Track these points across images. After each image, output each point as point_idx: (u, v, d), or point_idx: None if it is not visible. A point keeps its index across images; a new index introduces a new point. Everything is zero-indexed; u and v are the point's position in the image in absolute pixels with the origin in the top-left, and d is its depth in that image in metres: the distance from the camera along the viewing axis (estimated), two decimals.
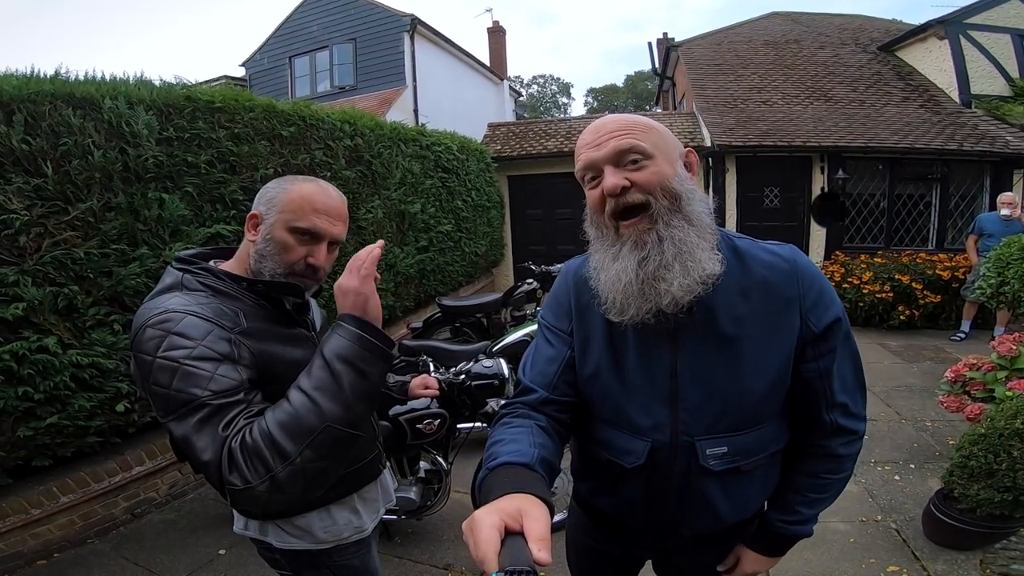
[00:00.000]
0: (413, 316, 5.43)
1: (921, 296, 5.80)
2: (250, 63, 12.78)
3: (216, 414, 0.84)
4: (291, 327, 1.09)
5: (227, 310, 0.97)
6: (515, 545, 0.59)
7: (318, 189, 1.06)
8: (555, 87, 43.58)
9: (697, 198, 0.88)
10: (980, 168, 7.09)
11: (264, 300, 1.05)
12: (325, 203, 1.05)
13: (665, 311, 0.85)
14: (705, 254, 0.84)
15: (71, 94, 2.38)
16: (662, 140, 0.87)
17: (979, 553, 2.25)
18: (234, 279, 1.03)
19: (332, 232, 1.07)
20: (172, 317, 0.89)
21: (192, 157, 2.88)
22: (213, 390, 0.85)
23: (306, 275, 1.07)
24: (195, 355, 0.87)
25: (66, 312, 2.36)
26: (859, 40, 10.28)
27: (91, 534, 2.61)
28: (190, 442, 0.83)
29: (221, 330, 0.92)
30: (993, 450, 2.13)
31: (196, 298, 0.96)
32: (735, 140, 7.29)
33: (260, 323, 1.01)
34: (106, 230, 2.47)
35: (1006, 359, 2.80)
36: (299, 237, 1.03)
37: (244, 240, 1.09)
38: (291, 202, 1.03)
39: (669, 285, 0.83)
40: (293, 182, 1.06)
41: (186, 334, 0.88)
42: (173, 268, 1.05)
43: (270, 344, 1.00)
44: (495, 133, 9.78)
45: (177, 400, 0.85)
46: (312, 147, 3.88)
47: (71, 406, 2.37)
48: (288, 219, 1.02)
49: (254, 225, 1.06)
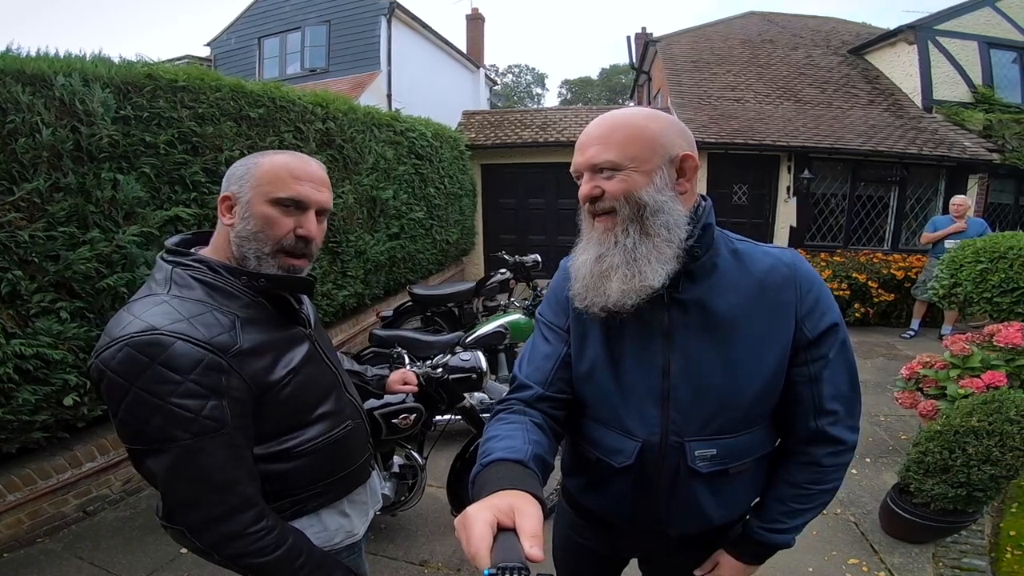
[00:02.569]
0: (383, 304, 5.35)
1: (876, 294, 6.04)
2: (216, 43, 12.27)
3: (194, 457, 0.83)
4: (289, 327, 1.01)
5: (222, 319, 0.89)
6: (507, 541, 0.59)
7: (293, 158, 0.97)
8: (530, 77, 43.30)
9: (667, 209, 0.85)
10: (937, 172, 7.40)
11: (263, 296, 0.96)
12: (305, 169, 0.96)
13: (612, 308, 0.88)
14: (651, 266, 0.85)
15: (20, 70, 2.22)
16: (643, 149, 0.85)
17: (932, 547, 2.36)
18: (232, 272, 0.94)
19: (319, 199, 0.97)
20: (160, 341, 0.80)
21: (151, 137, 2.71)
22: (194, 432, 0.82)
23: (297, 251, 0.97)
24: (181, 392, 0.81)
25: (9, 299, 2.20)
26: (831, 42, 10.57)
27: (40, 533, 2.46)
28: (165, 482, 0.84)
29: (213, 357, 0.84)
30: (949, 447, 2.23)
31: (187, 305, 0.87)
32: (708, 137, 7.39)
33: (257, 332, 0.93)
34: (53, 211, 2.30)
35: (959, 358, 2.92)
36: (283, 208, 0.94)
37: (219, 226, 0.98)
38: (267, 174, 0.94)
39: (610, 285, 0.86)
40: (264, 155, 0.97)
41: (174, 366, 0.81)
42: (161, 261, 0.95)
43: (266, 358, 0.93)
44: (470, 121, 9.65)
45: (151, 436, 0.81)
46: (281, 129, 3.72)
47: (15, 399, 2.21)
48: (267, 191, 0.93)
49: (228, 208, 0.95)
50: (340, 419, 1.08)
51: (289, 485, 1.00)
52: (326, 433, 1.03)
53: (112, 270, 2.52)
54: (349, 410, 1.12)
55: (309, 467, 1.01)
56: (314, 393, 1.03)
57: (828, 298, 0.93)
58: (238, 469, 0.88)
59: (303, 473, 1.01)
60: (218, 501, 0.86)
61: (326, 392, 1.06)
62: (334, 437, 1.05)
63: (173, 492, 0.85)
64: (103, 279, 2.48)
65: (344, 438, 1.08)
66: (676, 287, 0.88)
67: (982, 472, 2.14)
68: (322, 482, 1.05)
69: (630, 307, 0.86)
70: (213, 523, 0.86)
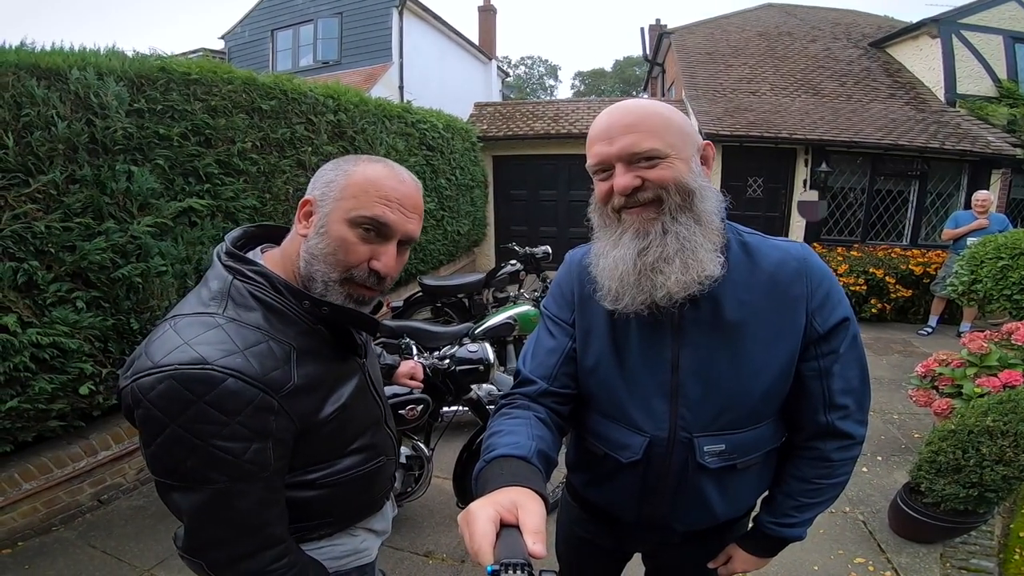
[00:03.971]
0: (392, 295, 5.36)
1: (893, 290, 5.94)
2: (230, 36, 12.41)
3: (227, 498, 0.76)
4: (345, 359, 0.92)
5: (278, 350, 0.79)
6: (510, 538, 0.59)
7: (388, 172, 0.85)
8: (543, 69, 43.00)
9: (709, 196, 0.86)
10: (959, 167, 7.22)
11: (323, 324, 0.86)
12: (397, 189, 0.84)
13: (659, 304, 0.84)
14: (707, 255, 0.83)
15: (36, 64, 2.26)
16: (678, 136, 0.84)
17: (940, 547, 2.32)
18: (294, 293, 0.83)
19: (405, 228, 0.85)
20: (210, 378, 0.71)
21: (164, 129, 2.75)
22: (231, 476, 0.75)
23: (367, 285, 0.86)
24: (226, 434, 0.73)
25: (25, 289, 2.25)
26: (851, 35, 10.33)
27: (56, 522, 2.52)
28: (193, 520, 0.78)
29: (265, 397, 0.75)
30: (962, 446, 2.19)
31: (243, 332, 0.77)
32: (723, 129, 7.28)
33: (312, 364, 0.84)
34: (69, 203, 2.35)
35: (976, 356, 2.86)
36: (362, 232, 0.82)
37: (293, 231, 0.89)
38: (353, 186, 0.82)
39: (667, 279, 0.82)
40: (356, 162, 0.85)
41: (223, 407, 0.72)
42: (221, 265, 0.84)
43: (318, 394, 0.85)
44: (481, 112, 9.62)
45: (185, 475, 0.74)
46: (293, 121, 3.75)
47: (31, 388, 2.26)
48: (349, 208, 0.81)
49: (306, 214, 0.85)
50: (374, 454, 1.00)
51: (305, 514, 0.92)
52: (357, 467, 0.95)
53: (127, 260, 2.56)
54: (385, 445, 1.05)
55: (329, 498, 0.93)
56: (356, 427, 0.95)
57: (839, 292, 0.92)
58: (271, 510, 0.82)
59: (322, 503, 0.93)
60: (247, 543, 0.80)
61: (367, 427, 0.98)
62: (364, 472, 0.97)
63: (199, 531, 0.79)
64: (118, 269, 2.52)
65: (374, 473, 1.00)
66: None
67: (995, 473, 2.10)
68: (338, 512, 0.98)
69: (679, 300, 0.83)
70: (237, 560, 0.81)
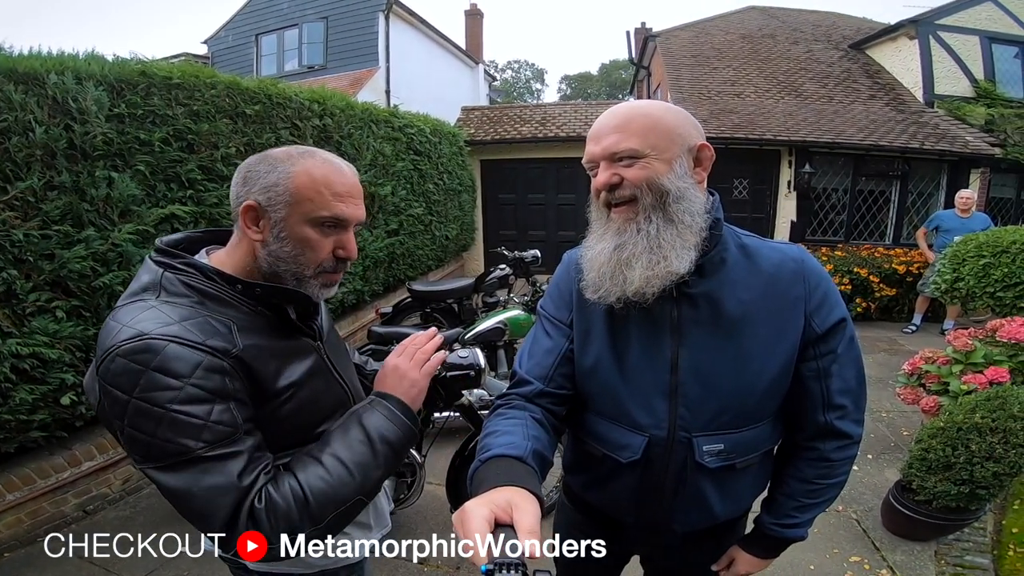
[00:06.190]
0: (382, 301, 5.34)
1: (877, 289, 6.02)
2: (213, 40, 12.23)
3: (216, 466, 0.75)
4: (293, 338, 0.93)
5: (217, 325, 0.80)
6: (505, 537, 0.60)
7: (330, 167, 0.87)
8: (529, 72, 43.18)
9: (689, 196, 0.86)
10: (938, 167, 7.35)
11: (263, 307, 0.88)
12: (344, 183, 0.87)
13: (632, 298, 0.87)
14: (676, 252, 0.84)
15: (12, 69, 2.21)
16: (663, 138, 0.86)
17: (934, 544, 2.35)
18: (227, 280, 0.85)
19: (358, 215, 0.90)
20: (151, 347, 0.73)
21: (145, 135, 2.70)
22: (208, 440, 0.74)
23: (336, 271, 0.92)
24: (183, 397, 0.73)
25: (4, 298, 2.19)
26: (831, 37, 10.49)
27: (41, 532, 2.46)
28: (190, 496, 0.75)
29: (212, 358, 0.76)
30: (952, 443, 2.21)
31: (177, 309, 0.79)
32: (708, 132, 7.26)
33: (256, 338, 0.84)
34: (48, 210, 2.29)
35: (962, 353, 2.90)
36: (323, 229, 0.86)
37: (238, 233, 0.89)
38: (304, 189, 0.84)
39: (633, 273, 0.85)
40: (292, 161, 0.85)
41: (170, 370, 0.73)
42: (151, 262, 0.85)
43: (268, 365, 0.85)
44: (469, 117, 9.62)
45: (164, 450, 0.74)
46: (278, 126, 3.70)
47: (12, 399, 2.21)
48: (307, 211, 0.84)
49: (253, 219, 0.85)
50: None
51: None
52: None
53: (108, 268, 2.51)
54: None
55: None
56: (319, 410, 0.95)
57: (835, 293, 0.94)
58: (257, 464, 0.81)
59: None
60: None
61: (332, 410, 0.97)
62: None
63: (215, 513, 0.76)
64: (99, 277, 2.46)
65: None
66: (686, 281, 0.88)
67: (985, 469, 2.12)
68: None
69: (651, 295, 0.85)
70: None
